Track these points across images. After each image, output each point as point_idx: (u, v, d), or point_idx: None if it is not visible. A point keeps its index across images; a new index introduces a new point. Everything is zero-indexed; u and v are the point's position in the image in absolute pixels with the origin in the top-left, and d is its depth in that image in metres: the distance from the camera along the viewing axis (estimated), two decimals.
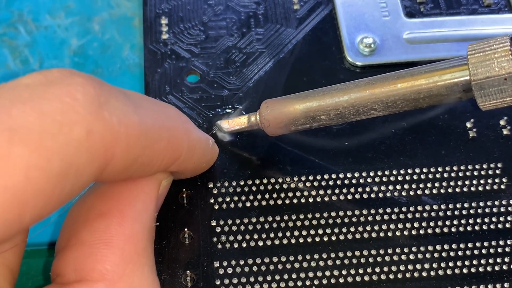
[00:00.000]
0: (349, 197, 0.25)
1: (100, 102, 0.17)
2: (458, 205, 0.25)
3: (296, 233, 0.24)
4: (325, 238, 0.24)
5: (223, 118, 0.27)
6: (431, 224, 0.25)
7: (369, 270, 0.24)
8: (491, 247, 0.24)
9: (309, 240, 0.24)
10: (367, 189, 0.25)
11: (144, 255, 0.20)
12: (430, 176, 0.26)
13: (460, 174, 0.26)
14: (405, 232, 0.24)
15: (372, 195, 0.25)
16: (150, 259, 0.21)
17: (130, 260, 0.19)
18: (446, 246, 0.24)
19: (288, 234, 0.24)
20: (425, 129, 0.27)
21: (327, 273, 0.24)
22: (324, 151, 0.26)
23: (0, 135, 0.15)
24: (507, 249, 0.24)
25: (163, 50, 0.29)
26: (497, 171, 0.26)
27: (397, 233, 0.24)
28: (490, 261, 0.24)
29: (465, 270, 0.24)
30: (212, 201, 0.25)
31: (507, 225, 0.25)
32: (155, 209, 0.21)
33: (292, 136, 0.26)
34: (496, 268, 0.24)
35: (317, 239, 0.24)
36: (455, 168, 0.26)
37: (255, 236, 0.24)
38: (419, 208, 0.25)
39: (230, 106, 0.27)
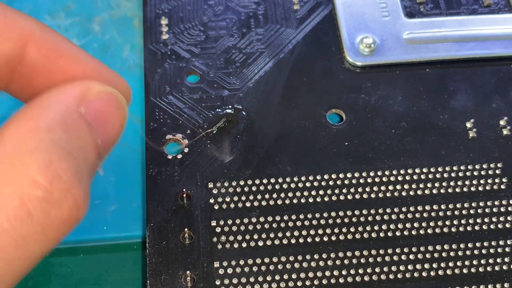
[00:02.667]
0: (349, 197, 0.25)
1: None
2: (458, 205, 0.25)
3: (296, 233, 0.24)
4: (325, 238, 0.24)
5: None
6: (431, 224, 0.25)
7: (369, 270, 0.24)
8: (491, 247, 0.24)
9: (309, 240, 0.24)
10: (367, 189, 0.25)
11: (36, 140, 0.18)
12: (430, 176, 0.26)
13: (460, 174, 0.26)
14: (405, 232, 0.24)
15: (372, 195, 0.25)
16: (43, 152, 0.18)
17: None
18: (446, 246, 0.24)
19: (288, 234, 0.24)
20: (425, 129, 0.27)
21: (327, 273, 0.24)
22: (324, 151, 0.26)
23: None
24: (507, 249, 0.24)
25: (163, 50, 0.29)
26: (497, 171, 0.26)
27: (397, 233, 0.24)
28: (490, 261, 0.24)
29: (465, 270, 0.24)
30: (212, 201, 0.25)
31: (507, 225, 0.25)
32: (76, 105, 0.19)
33: (292, 136, 0.26)
34: (496, 268, 0.24)
35: (317, 239, 0.24)
36: (455, 168, 0.26)
37: (255, 236, 0.24)
38: (419, 208, 0.25)
39: (230, 106, 0.27)
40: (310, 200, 0.25)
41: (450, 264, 0.24)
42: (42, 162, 0.17)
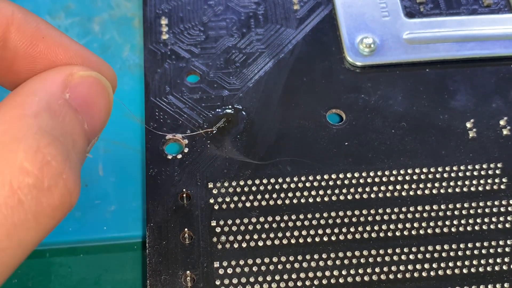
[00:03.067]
0: (349, 197, 0.25)
1: None
2: (458, 205, 0.25)
3: (296, 233, 0.24)
4: (325, 238, 0.24)
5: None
6: (431, 224, 0.25)
7: (369, 270, 0.24)
8: (491, 247, 0.24)
9: (309, 240, 0.24)
10: (367, 189, 0.25)
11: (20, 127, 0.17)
12: (430, 176, 0.26)
13: (460, 174, 0.26)
14: (405, 232, 0.24)
15: (372, 195, 0.25)
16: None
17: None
18: (446, 246, 0.24)
19: (288, 234, 0.24)
20: (425, 129, 0.27)
21: (327, 273, 0.24)
22: (324, 151, 0.26)
23: None
24: (507, 249, 0.24)
25: (163, 50, 0.29)
26: (497, 171, 0.26)
27: (397, 233, 0.24)
28: (490, 261, 0.24)
29: (465, 270, 0.24)
30: (212, 201, 0.25)
31: (507, 225, 0.25)
32: (61, 91, 0.19)
33: (292, 136, 0.26)
34: (496, 268, 0.24)
35: (317, 239, 0.24)
36: (455, 168, 0.26)
37: (255, 236, 0.24)
38: (419, 208, 0.25)
39: (230, 106, 0.27)
40: (310, 200, 0.25)
41: (450, 264, 0.24)
42: (30, 149, 0.17)
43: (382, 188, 0.25)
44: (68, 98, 0.19)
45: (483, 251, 0.24)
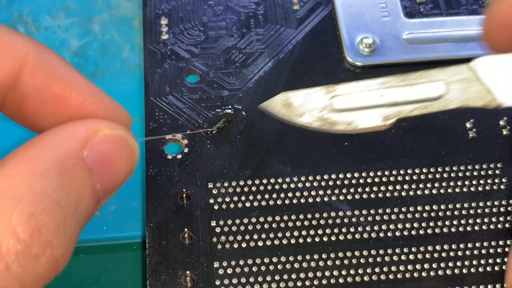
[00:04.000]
0: (349, 197, 0.25)
1: None
2: (458, 205, 0.25)
3: (296, 233, 0.24)
4: (325, 238, 0.24)
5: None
6: (431, 224, 0.25)
7: (369, 270, 0.24)
8: (491, 247, 0.24)
9: (309, 240, 0.24)
10: (367, 189, 0.25)
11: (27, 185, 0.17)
12: (430, 176, 0.26)
13: (460, 174, 0.26)
14: (405, 232, 0.24)
15: (372, 195, 0.25)
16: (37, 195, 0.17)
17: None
18: (446, 246, 0.24)
19: (288, 234, 0.24)
20: (425, 129, 0.27)
21: (327, 273, 0.24)
22: (324, 151, 0.26)
23: None
24: (506, 249, 0.24)
25: (163, 50, 0.29)
26: (497, 171, 0.26)
27: (397, 233, 0.24)
28: (490, 261, 0.24)
29: (465, 270, 0.24)
30: (212, 201, 0.25)
31: (507, 225, 0.25)
32: (79, 148, 0.19)
33: (292, 136, 0.26)
34: (496, 268, 0.24)
35: (317, 239, 0.24)
36: (455, 168, 0.26)
37: (255, 237, 0.24)
38: (419, 208, 0.25)
39: (230, 107, 0.27)
40: (310, 200, 0.25)
41: (450, 264, 0.24)
42: (25, 214, 0.16)
43: (382, 188, 0.25)
44: (86, 156, 0.19)
45: (483, 251, 0.24)
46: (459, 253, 0.24)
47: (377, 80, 0.21)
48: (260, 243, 0.24)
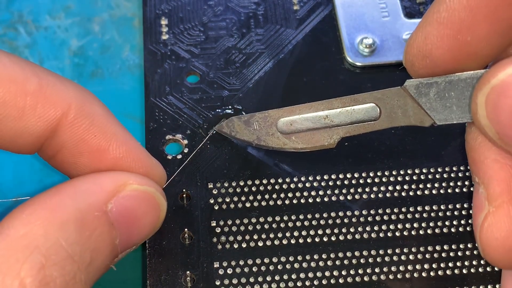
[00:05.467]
0: (349, 197, 0.25)
1: None
2: (458, 205, 0.25)
3: (296, 233, 0.24)
4: (325, 239, 0.24)
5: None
6: (431, 224, 0.25)
7: (369, 270, 0.24)
8: None
9: (309, 240, 0.24)
10: (367, 189, 0.25)
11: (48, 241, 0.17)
12: (430, 176, 0.26)
13: (460, 174, 0.26)
14: (405, 232, 0.24)
15: (372, 196, 0.25)
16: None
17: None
18: (446, 246, 0.24)
19: (288, 234, 0.24)
20: (425, 129, 0.27)
21: (327, 273, 0.24)
22: (324, 151, 0.26)
23: None
24: None
25: (163, 50, 0.29)
26: None
27: (397, 233, 0.24)
28: (490, 263, 0.24)
29: (465, 270, 0.24)
30: (212, 201, 0.25)
31: None
32: (103, 201, 0.19)
33: None
34: (496, 268, 0.24)
35: (317, 239, 0.24)
36: (454, 168, 0.26)
37: (255, 237, 0.24)
38: (419, 208, 0.25)
39: (230, 107, 0.27)
40: (310, 200, 0.25)
41: (450, 264, 0.24)
42: (36, 265, 0.16)
43: (382, 188, 0.25)
44: (109, 209, 0.18)
45: None
46: (459, 253, 0.24)
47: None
48: (260, 243, 0.24)
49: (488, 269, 0.24)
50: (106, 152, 0.20)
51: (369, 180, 0.26)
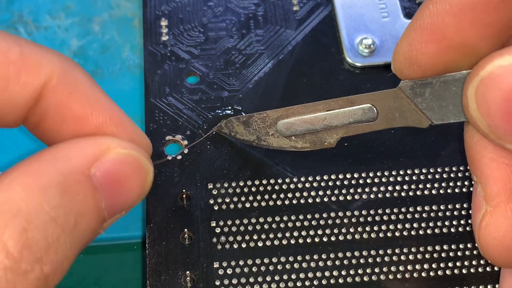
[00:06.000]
0: (349, 197, 0.25)
1: None
2: (457, 205, 0.25)
3: (296, 233, 0.24)
4: (325, 239, 0.24)
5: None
6: (431, 224, 0.25)
7: (369, 270, 0.24)
8: None
9: (309, 240, 0.24)
10: (367, 189, 0.25)
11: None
12: (429, 176, 0.26)
13: (460, 174, 0.26)
14: (405, 232, 0.24)
15: (372, 196, 0.25)
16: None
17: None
18: (445, 246, 0.24)
19: (287, 234, 0.24)
20: (424, 129, 0.27)
21: (327, 273, 0.24)
22: (324, 151, 0.26)
23: None
24: None
25: (163, 51, 0.29)
26: None
27: (397, 233, 0.24)
28: (490, 262, 0.24)
29: (464, 271, 0.24)
30: (212, 202, 0.25)
31: None
32: (86, 165, 0.18)
33: None
34: (496, 268, 0.24)
35: (317, 239, 0.24)
36: (454, 168, 0.26)
37: (255, 237, 0.24)
38: (419, 208, 0.25)
39: (229, 107, 0.27)
40: (310, 200, 0.25)
41: (450, 264, 0.24)
42: (17, 229, 0.16)
43: (382, 188, 0.25)
44: (93, 173, 0.18)
45: None
46: (459, 253, 0.24)
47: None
48: (260, 244, 0.24)
49: (487, 269, 0.24)
50: (89, 118, 0.20)
51: (369, 180, 0.26)
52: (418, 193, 0.25)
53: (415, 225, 0.25)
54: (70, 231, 0.17)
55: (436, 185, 0.25)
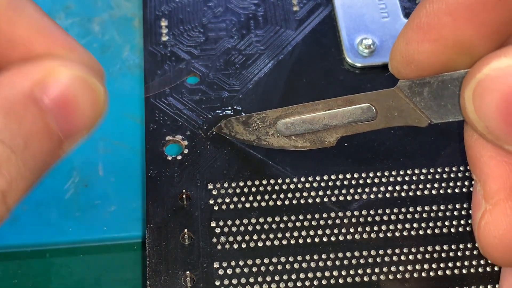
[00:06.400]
0: (349, 197, 0.25)
1: None
2: (457, 206, 0.25)
3: (295, 233, 0.24)
4: (325, 239, 0.24)
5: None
6: (431, 224, 0.25)
7: (369, 270, 0.24)
8: None
9: (309, 240, 0.24)
10: (367, 189, 0.25)
11: None
12: (429, 176, 0.26)
13: (460, 174, 0.26)
14: (405, 233, 0.24)
15: (372, 196, 0.25)
16: None
17: None
18: (445, 246, 0.24)
19: (287, 234, 0.24)
20: (424, 129, 0.27)
21: (327, 273, 0.24)
22: (324, 152, 0.26)
23: None
24: None
25: (163, 52, 0.29)
26: None
27: (397, 233, 0.24)
28: (490, 261, 0.24)
29: (464, 271, 0.24)
30: (211, 202, 0.25)
31: None
32: (30, 88, 0.18)
33: None
34: (496, 268, 0.24)
35: (317, 239, 0.24)
36: (454, 168, 0.26)
37: (255, 237, 0.24)
38: (419, 208, 0.25)
39: (229, 108, 0.27)
40: (310, 200, 0.25)
41: (450, 264, 0.24)
42: None
43: (382, 188, 0.25)
44: (39, 96, 0.18)
45: None
46: (459, 253, 0.24)
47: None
48: (260, 244, 0.24)
49: (487, 269, 0.24)
50: (36, 42, 0.19)
51: (368, 181, 0.26)
52: (418, 193, 0.25)
53: (415, 225, 0.25)
54: (21, 152, 0.17)
55: (436, 185, 0.25)
